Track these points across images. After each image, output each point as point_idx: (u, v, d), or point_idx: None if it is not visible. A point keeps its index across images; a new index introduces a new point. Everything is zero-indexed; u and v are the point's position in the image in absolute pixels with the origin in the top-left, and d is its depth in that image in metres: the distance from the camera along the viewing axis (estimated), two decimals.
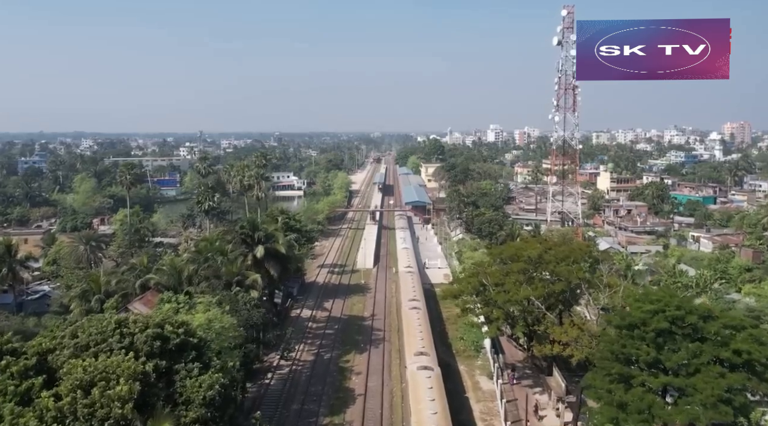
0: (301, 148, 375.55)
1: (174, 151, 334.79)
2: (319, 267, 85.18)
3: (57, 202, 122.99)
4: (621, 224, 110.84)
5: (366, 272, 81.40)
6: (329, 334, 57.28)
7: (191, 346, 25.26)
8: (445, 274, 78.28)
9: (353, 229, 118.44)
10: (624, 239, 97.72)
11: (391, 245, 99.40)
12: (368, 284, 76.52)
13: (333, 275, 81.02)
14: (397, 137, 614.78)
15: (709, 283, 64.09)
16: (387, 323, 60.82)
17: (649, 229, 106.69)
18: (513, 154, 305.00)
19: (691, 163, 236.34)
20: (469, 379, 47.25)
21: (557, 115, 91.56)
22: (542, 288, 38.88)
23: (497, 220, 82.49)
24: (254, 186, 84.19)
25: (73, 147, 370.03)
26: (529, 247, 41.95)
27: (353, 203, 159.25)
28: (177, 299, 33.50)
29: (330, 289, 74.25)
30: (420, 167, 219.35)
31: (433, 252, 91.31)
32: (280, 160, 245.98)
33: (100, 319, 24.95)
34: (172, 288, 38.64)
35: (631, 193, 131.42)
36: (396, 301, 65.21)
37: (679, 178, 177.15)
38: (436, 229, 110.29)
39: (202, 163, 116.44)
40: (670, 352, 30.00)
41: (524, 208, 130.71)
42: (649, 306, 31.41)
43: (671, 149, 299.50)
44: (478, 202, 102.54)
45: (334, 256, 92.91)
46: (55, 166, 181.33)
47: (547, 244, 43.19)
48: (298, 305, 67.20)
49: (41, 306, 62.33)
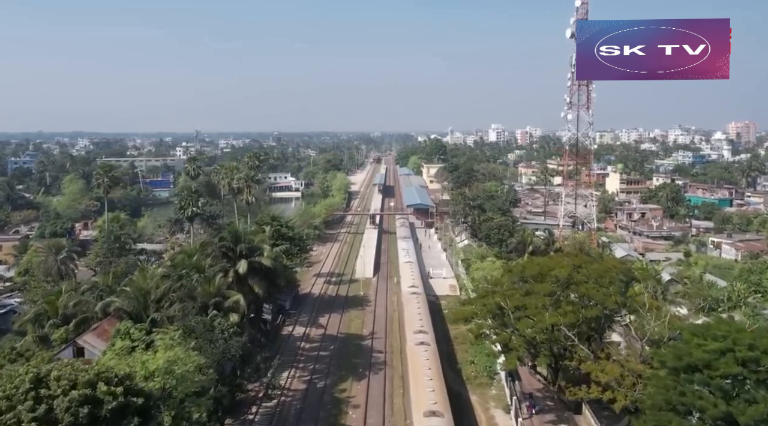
0: (300, 148, 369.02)
1: (170, 151, 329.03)
2: (315, 276, 79.14)
3: (41, 205, 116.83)
4: (635, 229, 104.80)
5: (365, 282, 75.36)
6: (323, 357, 51.23)
7: (134, 409, 19.22)
8: (451, 285, 72.31)
9: (352, 234, 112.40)
10: (641, 245, 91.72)
11: (392, 252, 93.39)
12: (368, 296, 70.50)
13: (330, 286, 74.97)
14: (398, 137, 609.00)
15: (743, 297, 58.12)
16: (388, 343, 54.82)
17: (666, 234, 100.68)
18: (516, 154, 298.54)
19: (699, 163, 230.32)
20: (483, 414, 41.15)
21: (570, 113, 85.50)
22: (572, 314, 32.83)
23: (507, 226, 76.40)
24: (243, 189, 77.95)
25: (68, 147, 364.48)
26: (555, 264, 35.86)
27: (352, 205, 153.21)
28: (131, 335, 27.48)
29: (326, 301, 68.23)
30: (421, 168, 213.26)
31: (437, 260, 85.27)
32: (278, 160, 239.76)
33: (11, 376, 18.91)
34: (135, 315, 32.67)
35: (644, 196, 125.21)
36: (398, 321, 59.20)
37: (690, 178, 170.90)
38: (440, 233, 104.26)
39: (191, 164, 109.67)
40: (743, 405, 24.01)
41: (532, 211, 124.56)
42: (713, 344, 25.42)
43: (677, 149, 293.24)
44: (485, 205, 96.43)
45: (331, 264, 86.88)
46: (44, 166, 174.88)
47: (576, 259, 37.03)
48: (291, 321, 61.20)
49: (5, 322, 56.40)
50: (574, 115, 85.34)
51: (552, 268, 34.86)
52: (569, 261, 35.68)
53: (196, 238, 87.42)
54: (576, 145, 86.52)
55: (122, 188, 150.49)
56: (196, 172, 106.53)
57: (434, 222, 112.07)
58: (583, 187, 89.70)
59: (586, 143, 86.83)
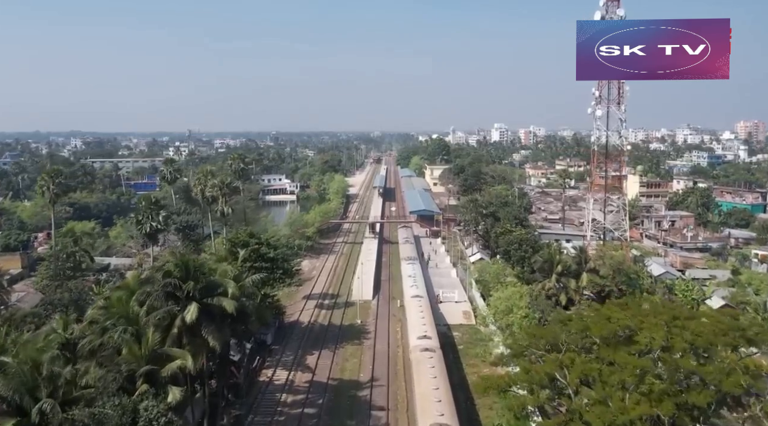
0: (298, 147, 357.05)
1: (163, 152, 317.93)
2: (305, 298, 68.02)
3: (5, 211, 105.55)
4: (666, 239, 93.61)
5: (363, 307, 64.24)
6: (309, 417, 40.10)
7: None
8: (465, 312, 61.15)
9: (350, 243, 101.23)
10: (678, 260, 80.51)
11: (394, 267, 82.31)
12: (366, 325, 59.36)
13: (322, 311, 63.83)
14: (398, 136, 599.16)
15: None
16: (391, 392, 43.80)
17: (702, 246, 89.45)
18: (521, 155, 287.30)
19: (715, 164, 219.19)
20: None
21: (599, 109, 74.46)
22: (670, 401, 21.70)
23: (529, 241, 65.22)
24: (218, 198, 66.52)
25: (60, 147, 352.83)
26: (637, 320, 24.62)
27: (351, 209, 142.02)
28: None
29: (317, 332, 57.06)
30: (424, 169, 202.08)
31: (446, 277, 74.14)
32: (273, 161, 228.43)
33: None
34: (16, 405, 21.64)
35: (671, 201, 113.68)
36: (402, 361, 48.11)
37: (711, 180, 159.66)
38: (448, 244, 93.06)
39: (167, 166, 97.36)
40: None
41: (548, 218, 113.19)
42: None
43: (688, 149, 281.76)
44: (498, 213, 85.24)
45: (324, 282, 75.67)
46: (19, 168, 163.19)
47: (669, 310, 25.83)
48: (272, 360, 50.14)
49: None
50: (604, 111, 74.66)
51: (629, 324, 23.62)
52: (658, 315, 24.45)
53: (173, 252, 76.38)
54: (606, 145, 75.54)
55: (101, 192, 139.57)
56: (173, 175, 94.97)
57: (441, 231, 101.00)
58: (611, 193, 78.64)
59: (617, 143, 75.81)
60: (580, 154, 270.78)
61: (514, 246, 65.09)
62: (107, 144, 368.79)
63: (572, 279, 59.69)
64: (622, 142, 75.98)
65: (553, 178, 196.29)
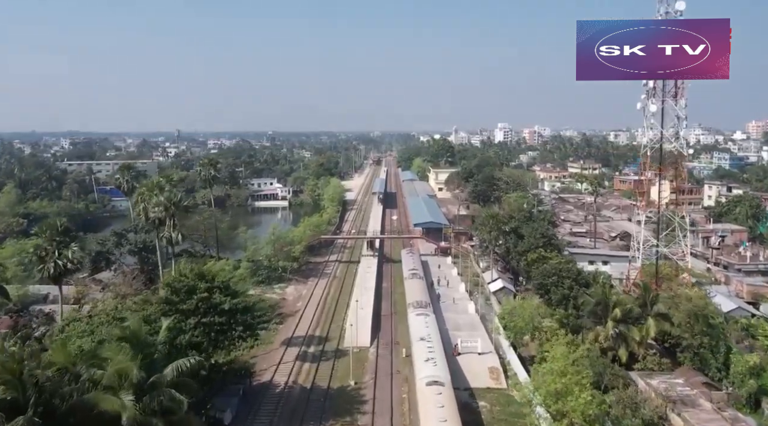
0: (294, 148, 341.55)
1: (152, 152, 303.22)
2: (284, 344, 53.55)
3: None
4: (718, 258, 79.08)
5: (359, 357, 49.71)
6: None
7: None
8: (492, 368, 46.39)
9: (344, 263, 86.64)
10: (744, 289, 66.01)
11: (397, 295, 67.95)
12: (362, 388, 44.71)
13: (305, 364, 49.25)
14: (398, 136, 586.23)
15: None
16: None
17: (764, 268, 75.03)
18: (528, 156, 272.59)
19: (737, 166, 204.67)
20: None
21: (653, 104, 60.07)
22: None
23: (570, 273, 50.62)
24: (165, 221, 51.55)
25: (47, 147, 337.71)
26: None
27: (347, 218, 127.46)
28: None
29: (295, 402, 42.40)
30: (428, 172, 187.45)
31: (463, 314, 59.49)
32: (266, 163, 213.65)
33: None
34: None
35: (717, 211, 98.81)
36: None
37: (745, 185, 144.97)
38: (460, 265, 78.35)
39: (123, 174, 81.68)
40: None
41: (573, 231, 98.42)
42: None
43: (703, 150, 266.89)
44: (521, 229, 70.86)
45: (311, 319, 61.02)
46: None
47: None
48: None
49: None
50: (659, 105, 60.23)
51: None
52: None
53: (125, 280, 61.87)
54: (660, 148, 61.05)
55: (66, 199, 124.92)
56: (131, 186, 79.73)
57: (450, 248, 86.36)
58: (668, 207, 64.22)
59: (677, 145, 61.40)
60: (591, 155, 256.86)
61: (553, 279, 50.51)
62: (96, 144, 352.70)
63: (634, 327, 45.43)
64: (682, 146, 61.54)
65: (567, 182, 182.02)
